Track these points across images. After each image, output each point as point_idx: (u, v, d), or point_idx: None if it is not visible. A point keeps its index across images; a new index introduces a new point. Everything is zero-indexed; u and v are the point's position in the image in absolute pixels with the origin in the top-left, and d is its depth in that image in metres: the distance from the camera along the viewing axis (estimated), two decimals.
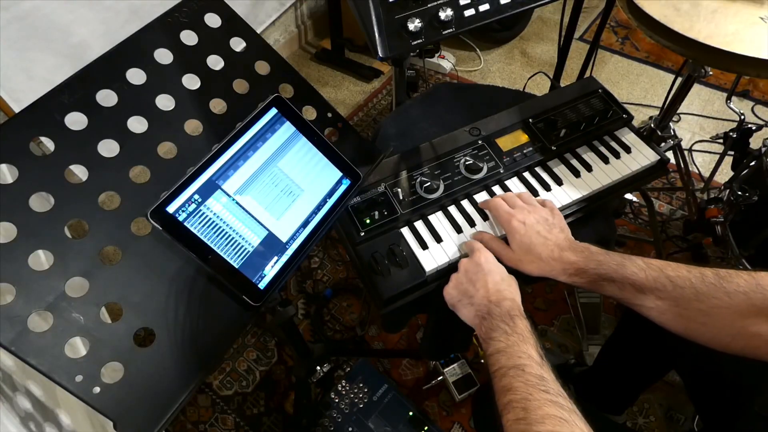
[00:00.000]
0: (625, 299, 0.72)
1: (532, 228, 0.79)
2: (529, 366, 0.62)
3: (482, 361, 1.35)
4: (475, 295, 0.75)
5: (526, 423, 0.57)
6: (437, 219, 0.92)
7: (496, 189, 0.96)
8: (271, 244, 0.73)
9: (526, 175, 0.98)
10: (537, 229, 0.79)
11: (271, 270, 0.72)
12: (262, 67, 0.85)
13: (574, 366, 1.36)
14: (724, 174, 1.69)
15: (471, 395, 1.31)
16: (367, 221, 0.89)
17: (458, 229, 0.90)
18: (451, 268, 0.88)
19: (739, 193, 1.26)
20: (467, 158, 0.96)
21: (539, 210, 0.83)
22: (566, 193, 0.95)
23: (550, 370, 0.63)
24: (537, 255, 0.77)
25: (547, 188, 0.96)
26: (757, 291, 0.62)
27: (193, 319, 0.70)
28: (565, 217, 0.94)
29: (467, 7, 0.87)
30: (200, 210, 0.66)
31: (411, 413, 1.16)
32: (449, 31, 0.87)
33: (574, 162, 1.00)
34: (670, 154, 1.42)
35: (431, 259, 0.87)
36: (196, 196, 0.66)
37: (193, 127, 0.78)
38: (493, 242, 0.84)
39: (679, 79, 1.31)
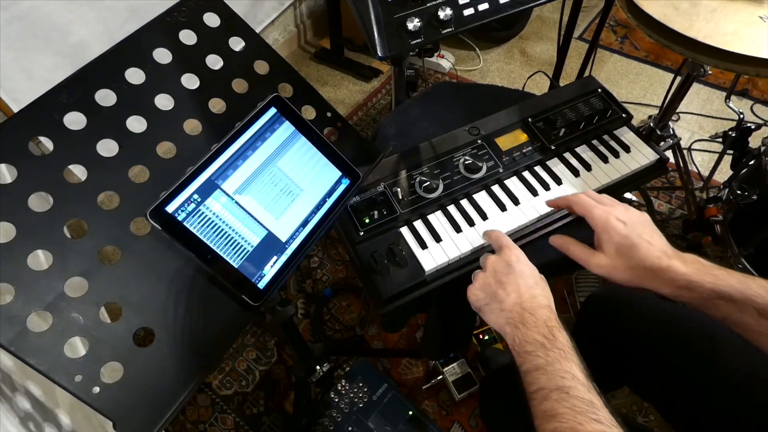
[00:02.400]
0: (744, 325, 0.61)
1: (634, 229, 0.67)
2: (574, 389, 0.55)
3: (483, 354, 1.35)
4: (505, 300, 0.66)
5: None
6: (436, 218, 0.92)
7: (496, 188, 0.96)
8: (270, 244, 0.73)
9: (526, 174, 0.98)
10: (638, 231, 0.67)
11: (270, 270, 0.72)
12: (262, 67, 0.85)
13: None
14: (724, 173, 1.69)
15: (471, 394, 1.31)
16: (367, 221, 0.89)
17: (457, 229, 0.90)
18: (451, 268, 0.88)
19: (739, 192, 1.26)
20: (466, 158, 0.96)
21: (633, 210, 0.70)
22: (566, 192, 0.95)
23: (598, 393, 0.55)
24: (640, 260, 0.65)
25: (547, 188, 0.96)
26: None
27: (192, 318, 0.70)
28: (565, 216, 0.94)
29: (466, 6, 0.87)
30: (199, 209, 0.66)
31: (411, 413, 1.16)
32: (448, 30, 0.87)
33: (574, 161, 1.00)
34: (669, 154, 1.43)
35: (431, 258, 0.87)
36: (196, 196, 0.66)
37: (192, 126, 0.78)
38: (573, 246, 0.72)
39: (679, 79, 1.31)
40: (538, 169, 0.99)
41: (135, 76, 0.74)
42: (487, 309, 0.68)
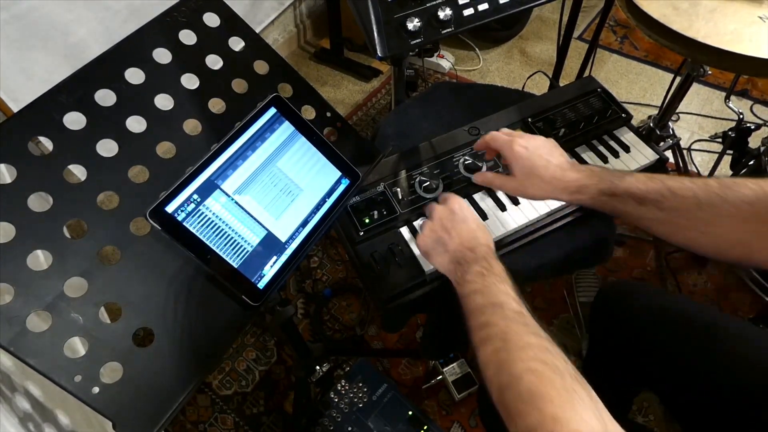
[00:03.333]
0: (628, 215, 0.72)
1: (535, 152, 0.78)
2: (507, 303, 0.62)
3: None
4: (449, 242, 0.74)
5: (507, 351, 0.56)
6: None
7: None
8: (270, 244, 0.72)
9: None
10: (539, 153, 0.78)
11: (270, 270, 0.72)
12: (261, 67, 0.85)
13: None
14: (723, 173, 1.69)
15: (471, 394, 1.31)
16: (367, 221, 0.89)
17: None
18: None
19: None
20: (466, 158, 0.96)
21: (538, 137, 0.82)
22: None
23: (528, 310, 0.62)
24: (539, 177, 0.77)
25: None
26: (763, 199, 0.61)
27: (192, 318, 0.70)
28: (565, 216, 0.94)
29: (466, 6, 0.87)
30: (199, 210, 0.66)
31: (410, 413, 1.16)
32: (448, 30, 0.87)
33: (574, 161, 1.00)
34: (669, 154, 1.43)
35: None
36: (195, 196, 0.66)
37: (192, 126, 0.78)
38: (495, 177, 0.85)
39: (678, 79, 1.31)
40: None
41: (135, 76, 0.74)
42: (433, 252, 0.77)
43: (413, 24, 0.83)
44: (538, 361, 0.54)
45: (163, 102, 0.76)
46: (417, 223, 0.91)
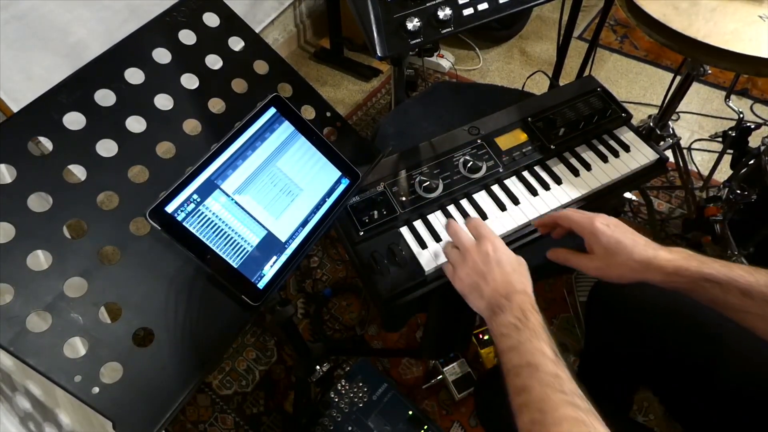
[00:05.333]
0: (729, 305, 0.66)
1: (618, 229, 0.72)
2: (543, 364, 0.59)
3: (481, 360, 1.35)
4: (484, 288, 0.71)
5: (542, 425, 0.54)
6: (436, 218, 0.92)
7: (496, 188, 0.96)
8: (270, 244, 0.72)
9: (526, 174, 0.98)
10: (623, 230, 0.72)
11: (270, 269, 0.72)
12: (261, 67, 0.85)
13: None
14: (723, 172, 1.69)
15: (471, 394, 1.31)
16: (366, 220, 0.89)
17: None
18: None
19: (738, 191, 1.26)
20: (466, 157, 0.96)
21: (613, 217, 0.75)
22: (565, 192, 0.95)
23: (566, 367, 0.60)
24: (628, 255, 0.70)
25: (546, 187, 0.96)
26: None
27: (192, 318, 0.70)
28: None
29: (466, 6, 0.87)
30: (199, 210, 0.66)
31: (410, 412, 1.16)
32: (448, 30, 0.87)
33: (573, 161, 1.00)
34: (669, 153, 1.43)
35: (430, 258, 0.87)
36: (195, 196, 0.66)
37: (191, 126, 0.78)
38: (569, 255, 0.77)
39: (678, 78, 1.31)
40: (537, 168, 0.99)
41: (134, 76, 0.74)
42: (471, 297, 0.74)
43: (413, 24, 0.83)
44: None
45: (163, 102, 0.76)
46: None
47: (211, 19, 0.82)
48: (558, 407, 0.55)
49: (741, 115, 1.34)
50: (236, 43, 0.83)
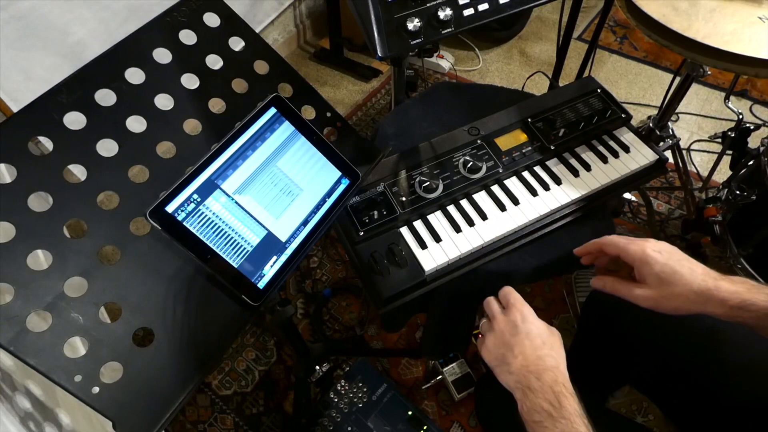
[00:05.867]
0: None
1: (672, 256, 0.66)
2: None
3: (481, 360, 1.35)
4: (512, 362, 0.65)
5: None
6: (436, 219, 0.92)
7: (495, 188, 0.96)
8: (270, 244, 0.73)
9: (525, 174, 0.98)
10: (677, 258, 0.66)
11: (270, 269, 0.72)
12: (261, 67, 0.85)
13: None
14: (723, 173, 1.69)
15: (470, 394, 1.31)
16: (366, 220, 0.89)
17: (457, 229, 0.90)
18: (451, 268, 0.88)
19: (738, 192, 1.26)
20: (466, 158, 0.96)
21: (665, 242, 0.70)
22: (565, 192, 0.95)
23: None
24: (685, 285, 0.64)
25: (546, 188, 0.96)
26: None
27: (192, 318, 0.70)
28: (564, 216, 0.94)
29: (466, 6, 0.87)
30: (199, 209, 0.66)
31: (410, 412, 1.16)
32: (448, 30, 0.87)
33: (573, 161, 1.00)
34: (668, 154, 1.42)
35: (430, 258, 0.87)
36: (195, 196, 0.66)
37: (192, 126, 0.78)
38: (617, 284, 0.71)
39: (678, 79, 1.31)
40: (537, 169, 0.99)
41: (135, 75, 0.74)
42: (499, 371, 0.68)
43: (413, 24, 0.83)
44: None
45: (163, 102, 0.76)
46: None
47: (211, 19, 0.82)
48: None
49: (740, 116, 1.34)
50: (236, 43, 0.83)
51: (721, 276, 0.65)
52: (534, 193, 0.95)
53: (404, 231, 0.91)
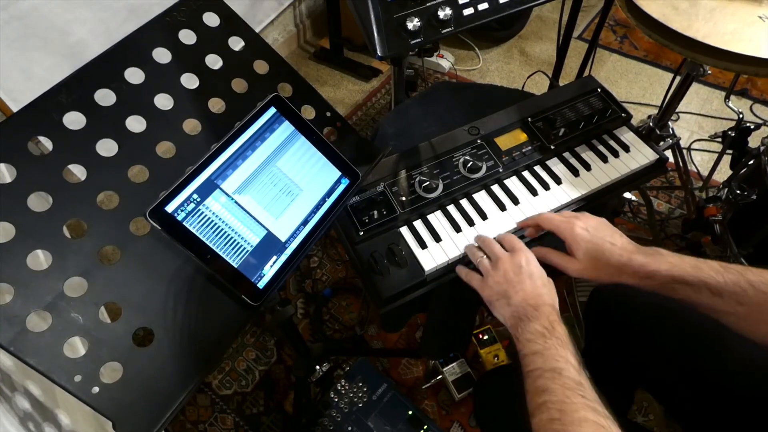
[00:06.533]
0: (701, 304, 0.68)
1: (596, 234, 0.75)
2: (566, 370, 0.61)
3: (481, 360, 1.35)
4: (513, 296, 0.72)
5: (562, 424, 0.56)
6: (436, 218, 0.92)
7: (495, 188, 0.96)
8: (270, 244, 0.72)
9: (525, 174, 0.98)
10: (601, 235, 0.75)
11: (270, 269, 0.72)
12: (261, 67, 0.85)
13: None
14: (723, 173, 1.69)
15: (470, 394, 1.31)
16: (366, 220, 0.89)
17: (457, 229, 0.90)
18: (451, 267, 0.88)
19: (738, 191, 1.26)
20: (466, 157, 0.96)
21: (592, 217, 0.79)
22: (565, 192, 0.95)
23: (587, 378, 0.61)
24: (606, 261, 0.73)
25: (546, 187, 0.96)
26: None
27: (192, 318, 0.70)
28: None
29: (466, 6, 0.87)
30: (199, 209, 0.66)
31: (410, 412, 1.16)
32: (448, 30, 0.87)
33: (573, 161, 1.00)
34: (668, 153, 1.42)
35: (430, 258, 0.87)
36: (195, 196, 0.66)
37: (191, 126, 0.78)
38: (552, 255, 0.80)
39: (678, 78, 1.31)
40: (537, 168, 0.99)
41: (134, 75, 0.74)
42: (497, 304, 0.75)
43: (413, 24, 0.83)
44: None
45: (163, 102, 0.76)
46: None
47: (211, 19, 0.82)
48: (578, 409, 0.56)
49: (740, 116, 1.34)
50: (236, 43, 0.83)
51: (637, 249, 0.74)
52: (534, 192, 0.95)
53: (404, 231, 0.90)
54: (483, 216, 0.92)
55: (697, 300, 0.69)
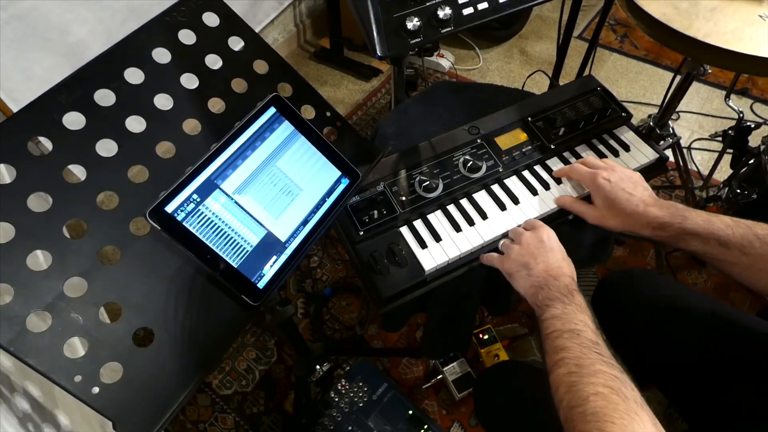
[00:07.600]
0: (709, 254, 0.73)
1: (617, 185, 0.81)
2: (584, 332, 0.65)
3: (481, 360, 1.35)
4: (534, 267, 0.77)
5: (578, 376, 0.59)
6: (436, 218, 0.92)
7: (496, 188, 0.96)
8: (270, 244, 0.72)
9: (526, 173, 0.97)
10: (622, 186, 0.81)
11: (270, 269, 0.72)
12: (261, 66, 0.85)
13: None
14: (723, 172, 1.69)
15: (471, 394, 1.31)
16: (366, 220, 0.89)
17: (457, 228, 0.90)
18: (451, 267, 0.88)
19: (738, 191, 1.26)
20: (466, 157, 0.96)
21: (622, 169, 0.85)
22: (566, 191, 0.95)
23: (604, 341, 0.65)
24: (621, 210, 0.80)
25: (547, 187, 0.96)
26: None
27: (192, 318, 0.70)
28: (565, 216, 0.94)
29: (466, 5, 0.87)
30: (199, 209, 0.66)
31: (410, 412, 1.16)
32: (448, 29, 0.87)
33: (574, 160, 1.00)
34: (669, 153, 1.42)
35: (430, 258, 0.87)
36: (195, 196, 0.66)
37: (191, 126, 0.78)
38: (575, 203, 0.88)
39: (678, 77, 1.31)
40: (537, 168, 0.99)
41: (134, 75, 0.74)
42: (517, 275, 0.79)
43: (413, 23, 0.83)
44: (606, 387, 0.57)
45: (163, 102, 0.76)
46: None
47: (210, 19, 0.82)
48: (595, 363, 0.60)
49: (741, 115, 1.33)
50: (236, 43, 0.83)
51: (656, 203, 0.79)
52: (534, 192, 0.95)
53: (404, 230, 0.90)
54: (483, 215, 0.92)
55: (705, 251, 0.74)
